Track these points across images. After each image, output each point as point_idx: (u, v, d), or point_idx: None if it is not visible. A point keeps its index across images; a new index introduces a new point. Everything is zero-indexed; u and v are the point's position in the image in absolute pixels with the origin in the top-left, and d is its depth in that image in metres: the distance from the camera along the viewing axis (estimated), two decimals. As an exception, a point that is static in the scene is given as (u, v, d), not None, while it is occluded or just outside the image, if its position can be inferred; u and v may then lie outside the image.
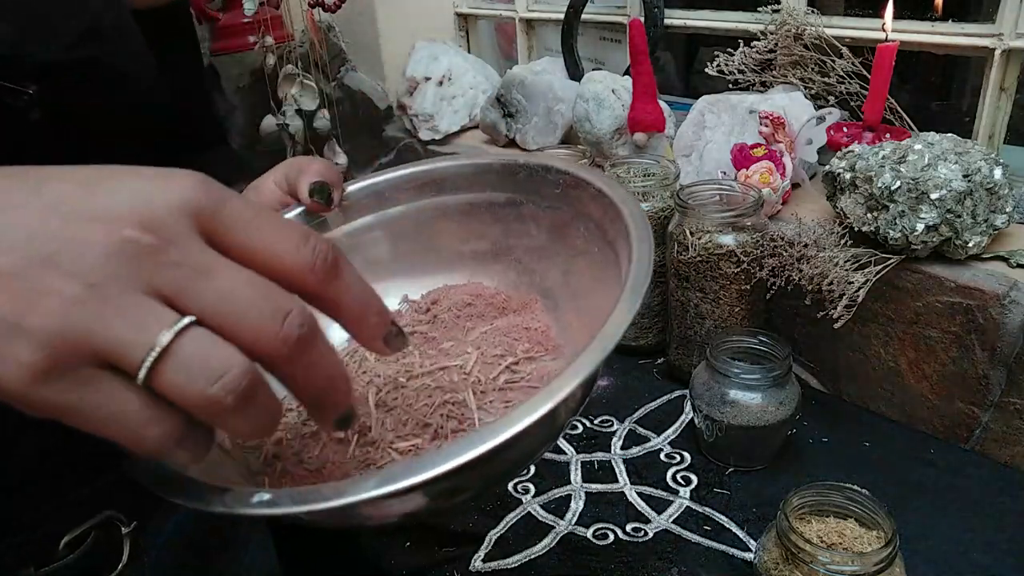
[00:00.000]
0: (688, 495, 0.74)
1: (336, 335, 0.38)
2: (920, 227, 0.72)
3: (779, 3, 0.99)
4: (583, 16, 1.20)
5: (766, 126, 0.90)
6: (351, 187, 0.54)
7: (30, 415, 0.25)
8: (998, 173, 0.72)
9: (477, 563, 0.68)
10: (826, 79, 0.95)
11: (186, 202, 0.26)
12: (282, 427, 0.43)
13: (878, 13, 0.91)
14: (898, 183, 0.72)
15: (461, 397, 0.43)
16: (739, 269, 0.81)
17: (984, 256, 0.75)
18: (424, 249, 0.56)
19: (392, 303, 0.55)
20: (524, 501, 0.75)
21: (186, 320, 0.25)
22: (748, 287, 0.82)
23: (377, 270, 0.53)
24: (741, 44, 1.00)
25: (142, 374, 0.25)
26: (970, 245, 0.73)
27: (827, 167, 0.81)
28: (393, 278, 0.55)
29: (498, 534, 0.71)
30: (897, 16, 0.89)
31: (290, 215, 0.51)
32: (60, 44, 0.42)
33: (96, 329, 0.24)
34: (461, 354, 0.48)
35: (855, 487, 0.58)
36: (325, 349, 0.29)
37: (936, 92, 1.15)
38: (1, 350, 0.24)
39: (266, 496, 0.30)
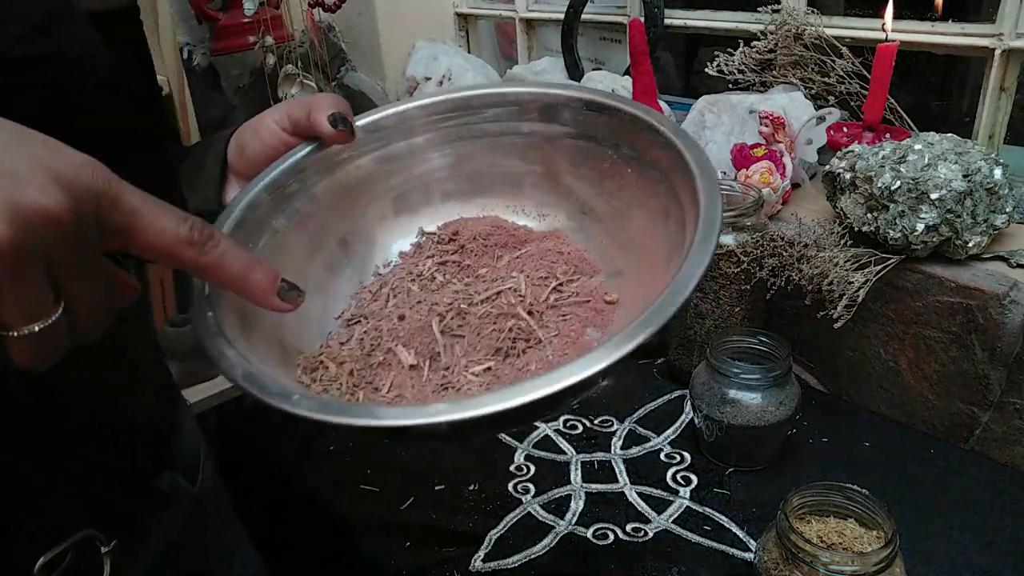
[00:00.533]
0: (688, 495, 0.74)
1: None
2: (920, 227, 0.72)
3: (779, 3, 0.99)
4: (583, 16, 1.20)
5: (766, 126, 0.90)
6: (385, 112, 0.54)
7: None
8: (998, 173, 0.72)
9: (477, 563, 0.68)
10: (826, 79, 0.95)
11: (92, 182, 0.29)
12: (348, 357, 0.45)
13: (878, 13, 0.91)
14: (898, 183, 0.72)
15: (522, 318, 0.46)
16: (739, 269, 0.81)
17: (984, 256, 0.75)
18: (449, 177, 0.56)
19: (410, 239, 0.55)
20: (524, 501, 0.75)
21: (59, 313, 0.29)
22: (748, 287, 0.82)
23: (409, 197, 0.54)
24: (741, 44, 1.00)
25: (7, 334, 0.29)
26: (970, 245, 0.73)
27: (827, 167, 0.81)
28: (417, 209, 0.55)
29: (498, 534, 0.71)
30: (897, 16, 0.89)
31: (302, 153, 0.50)
32: (10, 38, 0.41)
33: None
34: (506, 278, 0.49)
35: (855, 487, 0.58)
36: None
37: (936, 92, 1.15)
38: None
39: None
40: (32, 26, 0.42)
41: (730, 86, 1.02)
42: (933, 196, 0.71)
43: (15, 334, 0.29)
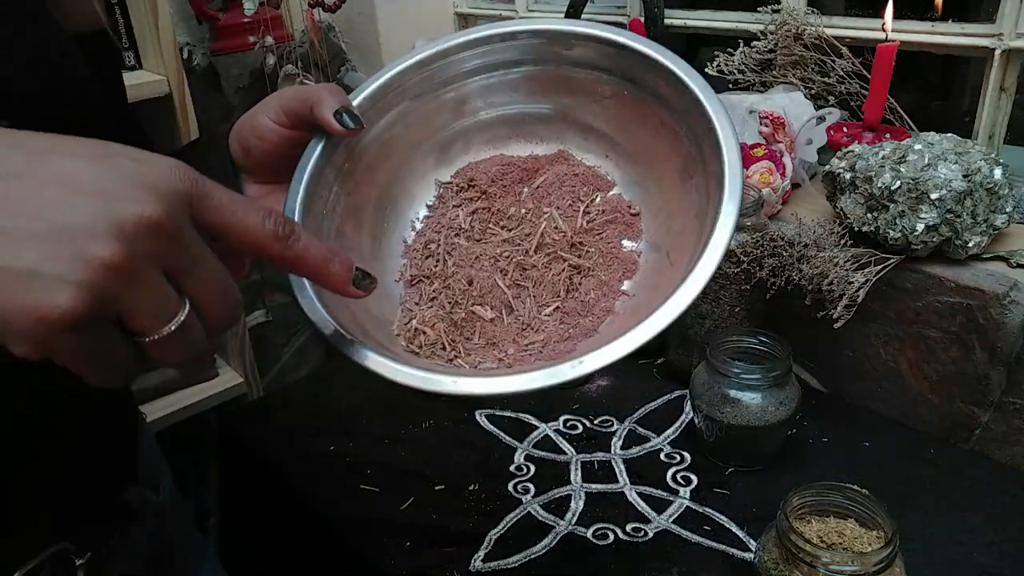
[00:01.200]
0: (688, 495, 0.74)
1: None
2: (920, 227, 0.72)
3: (779, 3, 0.99)
4: (583, 16, 1.20)
5: (766, 126, 0.90)
6: (424, 53, 0.55)
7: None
8: (998, 173, 0.72)
9: (477, 563, 0.68)
10: (826, 79, 0.95)
11: (181, 185, 0.30)
12: (436, 318, 0.49)
13: (878, 13, 0.91)
14: (898, 183, 0.72)
15: (570, 259, 0.50)
16: (739, 269, 0.81)
17: (984, 256, 0.75)
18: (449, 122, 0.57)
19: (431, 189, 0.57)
20: (524, 501, 0.75)
21: (187, 309, 0.31)
22: (748, 287, 0.82)
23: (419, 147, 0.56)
24: (741, 44, 1.00)
25: (147, 340, 0.30)
26: (970, 245, 0.73)
27: (827, 167, 0.81)
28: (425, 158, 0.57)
29: (498, 534, 0.71)
30: (897, 16, 0.89)
31: (319, 148, 0.51)
32: (12, 73, 0.42)
33: (126, 296, 0.29)
34: (539, 217, 0.52)
35: (855, 487, 0.58)
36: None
37: (936, 92, 1.15)
38: (48, 295, 0.27)
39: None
40: (31, 60, 0.43)
41: (730, 86, 1.02)
42: (933, 196, 0.71)
43: (154, 338, 0.30)
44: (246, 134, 0.51)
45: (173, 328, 0.30)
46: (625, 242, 0.51)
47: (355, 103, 0.52)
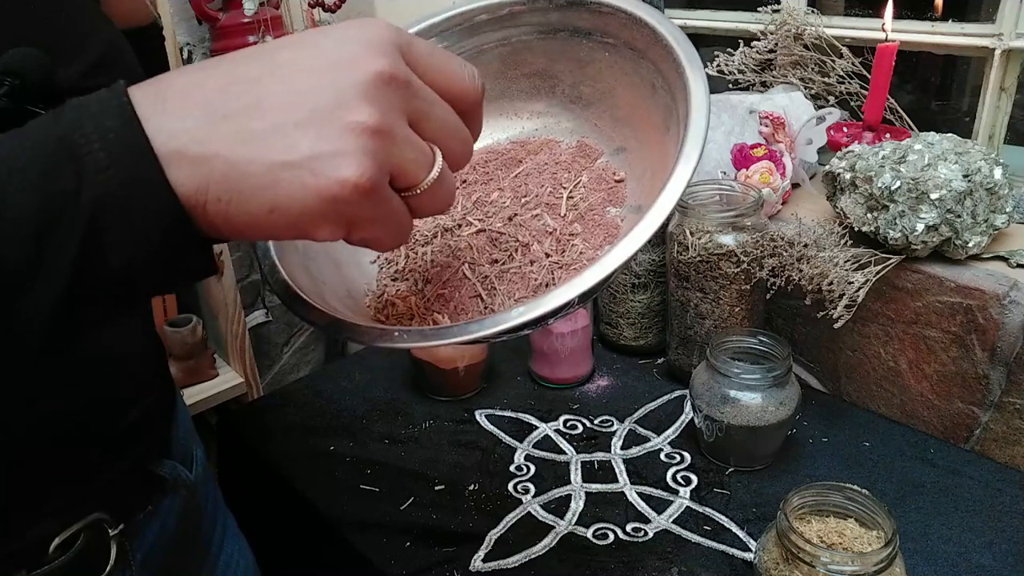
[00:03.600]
0: (688, 495, 0.74)
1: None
2: (920, 227, 0.72)
3: (779, 3, 0.99)
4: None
5: (766, 126, 0.90)
6: None
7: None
8: (998, 173, 0.72)
9: (477, 563, 0.68)
10: (826, 79, 0.95)
11: (393, 35, 0.32)
12: (403, 294, 0.49)
13: (878, 13, 0.91)
14: (898, 183, 0.72)
15: (555, 251, 0.49)
16: (739, 269, 0.81)
17: (984, 256, 0.75)
18: None
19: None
20: (524, 501, 0.75)
21: (439, 153, 0.33)
22: (748, 287, 0.82)
23: None
24: (741, 44, 1.00)
25: (415, 192, 0.32)
26: (970, 245, 0.73)
27: (827, 167, 0.81)
28: None
29: (498, 534, 0.71)
30: (897, 16, 0.89)
31: None
32: (81, 70, 0.44)
33: (395, 153, 0.30)
34: (524, 215, 0.52)
35: (855, 487, 0.58)
36: None
37: (936, 92, 1.15)
38: (331, 170, 0.28)
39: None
40: (93, 62, 0.45)
41: (730, 86, 1.02)
42: (933, 196, 0.71)
43: (422, 188, 0.32)
44: None
45: (435, 174, 0.32)
46: (610, 208, 0.51)
47: None
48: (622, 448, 0.81)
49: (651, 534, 0.70)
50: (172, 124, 0.28)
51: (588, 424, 0.85)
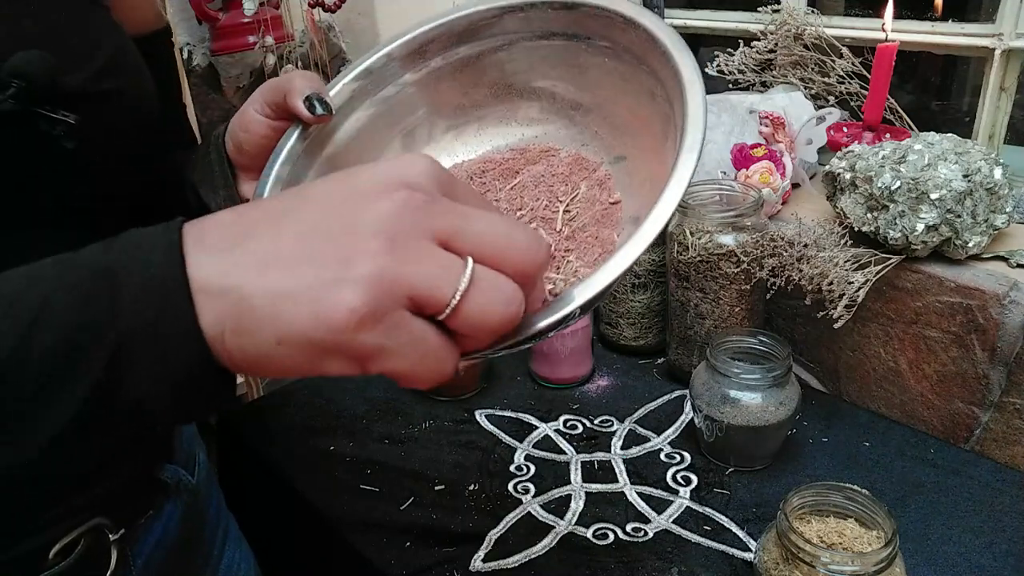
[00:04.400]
0: (688, 495, 0.74)
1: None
2: (920, 227, 0.72)
3: (779, 3, 0.99)
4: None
5: (766, 126, 0.90)
6: (392, 45, 0.55)
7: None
8: (998, 173, 0.72)
9: (477, 563, 0.68)
10: (826, 79, 0.95)
11: (431, 170, 0.30)
12: None
13: (878, 13, 0.91)
14: (898, 183, 0.72)
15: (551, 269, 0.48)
16: (739, 269, 0.81)
17: (984, 256, 0.75)
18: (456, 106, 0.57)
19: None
20: (524, 501, 0.75)
21: (471, 261, 0.29)
22: (748, 287, 0.82)
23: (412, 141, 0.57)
24: (741, 44, 1.00)
25: (448, 311, 0.28)
26: (970, 245, 0.73)
27: (827, 167, 0.81)
28: (422, 146, 0.57)
29: (498, 534, 0.71)
30: (897, 16, 0.89)
31: (292, 138, 0.51)
32: (88, 75, 0.44)
33: (406, 273, 0.27)
34: (526, 214, 0.51)
35: (855, 487, 0.58)
36: None
37: (936, 92, 1.15)
38: (330, 299, 0.27)
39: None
40: (100, 68, 0.46)
41: (730, 86, 1.02)
42: (933, 196, 0.71)
43: (453, 305, 0.28)
44: (236, 130, 0.54)
45: (463, 286, 0.28)
46: (603, 230, 0.49)
47: (335, 89, 0.54)
48: (622, 448, 0.81)
49: (651, 534, 0.70)
50: (205, 258, 0.28)
51: (588, 424, 0.85)
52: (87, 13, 0.47)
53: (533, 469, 0.79)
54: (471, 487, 0.77)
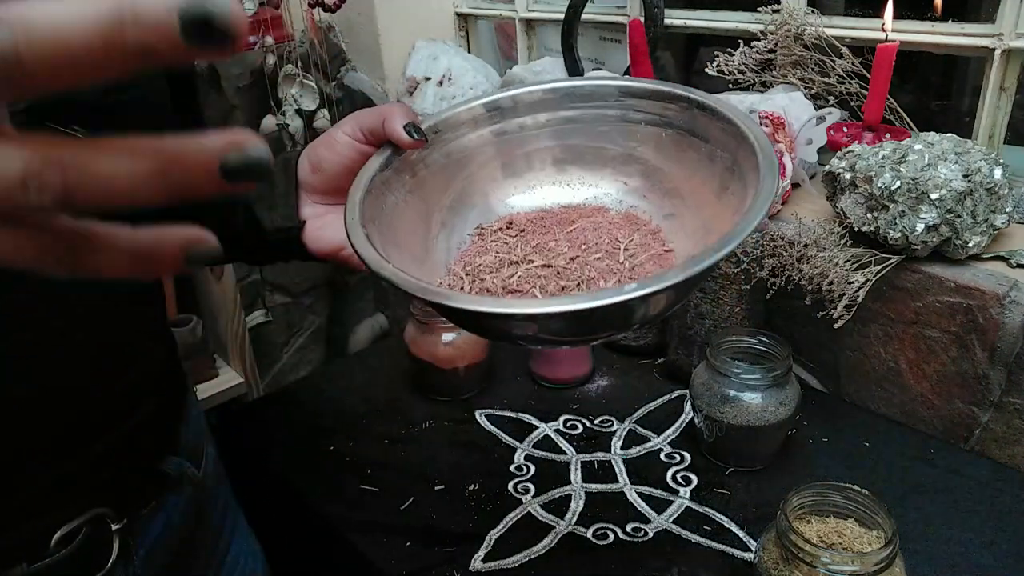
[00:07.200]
0: (688, 495, 0.74)
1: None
2: (920, 227, 0.72)
3: (779, 3, 0.99)
4: (583, 16, 1.20)
5: (766, 126, 0.90)
6: (462, 107, 0.58)
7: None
8: (998, 173, 0.72)
9: (477, 563, 0.68)
10: (826, 79, 0.95)
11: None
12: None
13: (878, 13, 0.91)
14: (898, 183, 0.72)
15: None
16: (739, 269, 0.81)
17: (984, 256, 0.75)
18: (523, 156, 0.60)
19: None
20: (524, 501, 0.75)
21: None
22: (748, 287, 0.82)
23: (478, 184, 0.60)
24: (741, 44, 1.00)
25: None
26: (970, 245, 0.73)
27: (827, 167, 0.81)
28: (521, 173, 0.60)
29: (498, 534, 0.71)
30: (897, 16, 0.89)
31: (379, 159, 0.54)
32: (99, 87, 0.44)
33: None
34: (586, 257, 0.53)
35: (855, 487, 0.58)
36: None
37: (936, 92, 1.14)
38: None
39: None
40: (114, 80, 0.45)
41: (730, 86, 1.01)
42: (933, 196, 0.71)
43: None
44: (319, 149, 0.55)
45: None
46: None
47: (427, 123, 0.57)
48: (622, 448, 0.81)
49: (651, 534, 0.70)
50: None
51: (588, 424, 0.85)
52: None
53: (533, 469, 0.79)
54: (471, 487, 0.77)
